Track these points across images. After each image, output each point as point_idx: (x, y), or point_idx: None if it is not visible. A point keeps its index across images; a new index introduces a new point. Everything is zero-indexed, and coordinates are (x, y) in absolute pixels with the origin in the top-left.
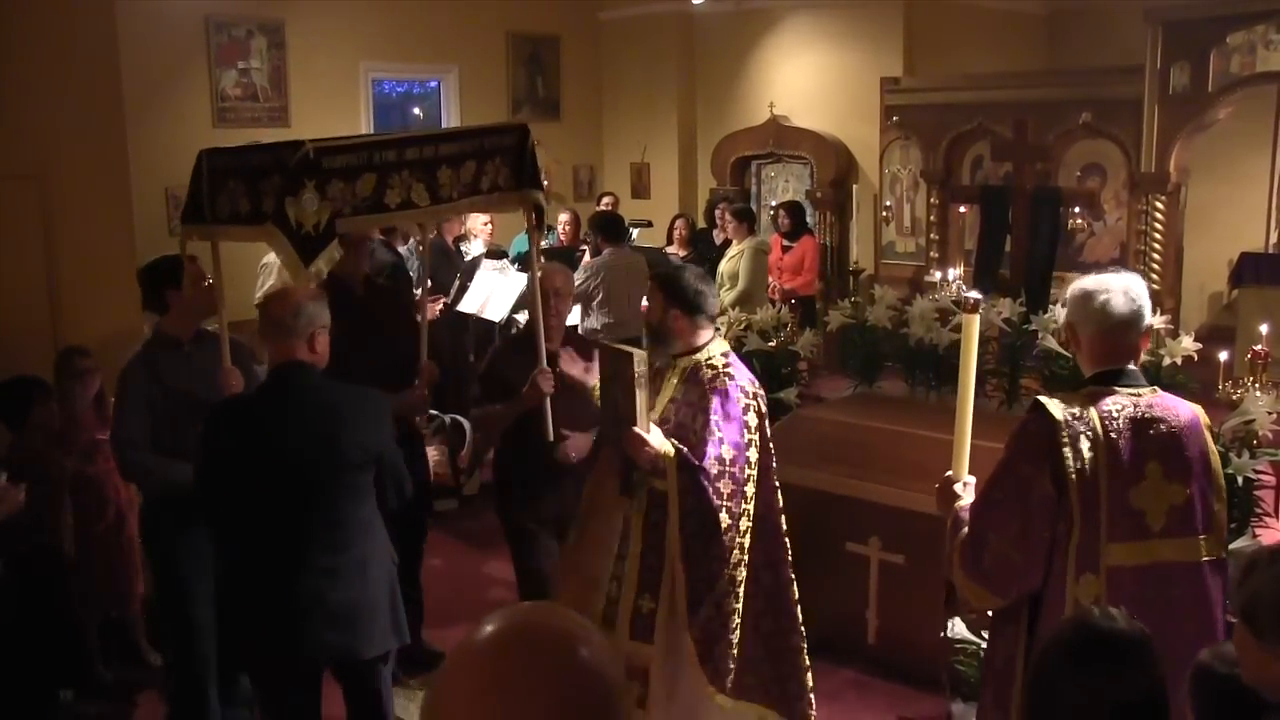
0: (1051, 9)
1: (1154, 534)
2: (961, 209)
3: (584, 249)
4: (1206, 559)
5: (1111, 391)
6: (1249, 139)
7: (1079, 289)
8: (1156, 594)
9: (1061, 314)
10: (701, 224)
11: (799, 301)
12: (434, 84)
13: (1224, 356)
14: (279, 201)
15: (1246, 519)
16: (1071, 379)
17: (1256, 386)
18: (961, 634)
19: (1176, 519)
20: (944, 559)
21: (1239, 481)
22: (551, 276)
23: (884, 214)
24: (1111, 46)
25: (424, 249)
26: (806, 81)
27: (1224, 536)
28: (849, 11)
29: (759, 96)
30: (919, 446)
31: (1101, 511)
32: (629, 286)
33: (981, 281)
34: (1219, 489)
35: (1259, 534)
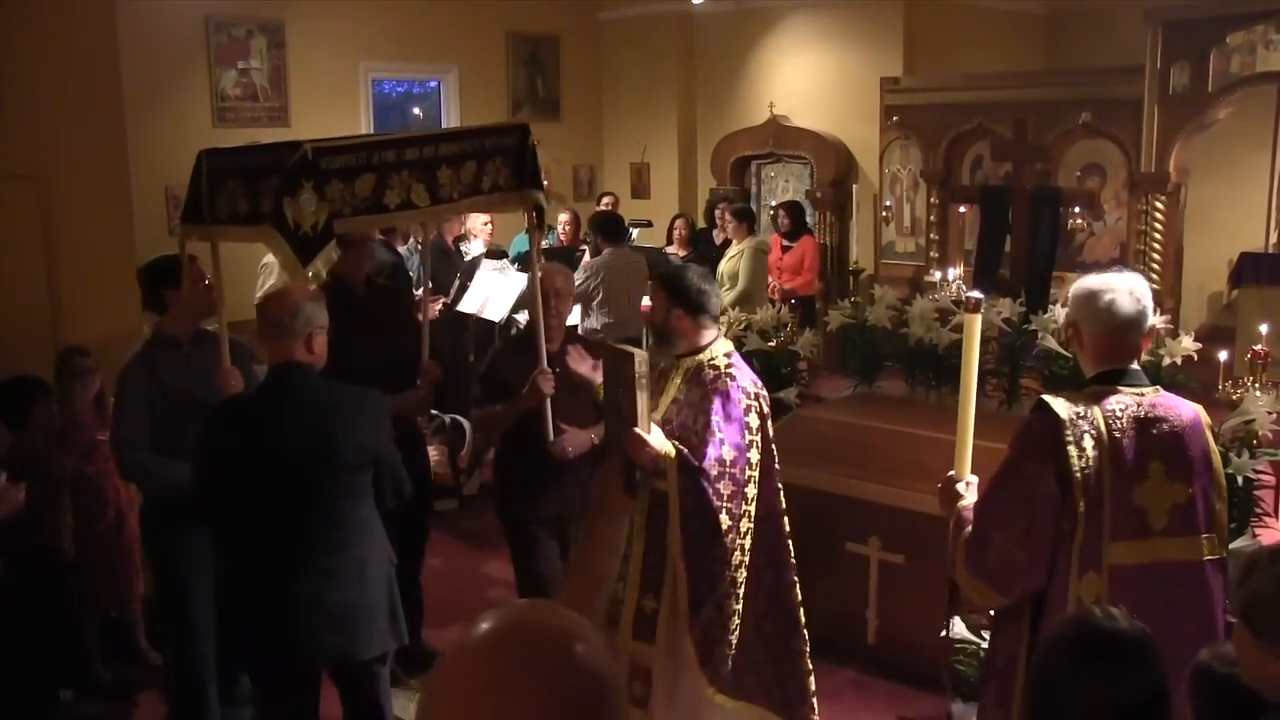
0: (1051, 9)
1: (1156, 533)
2: (961, 209)
3: (584, 249)
4: (1208, 558)
5: (1115, 391)
6: (1249, 139)
7: (1084, 288)
8: (1158, 593)
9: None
10: (701, 224)
11: (799, 301)
12: (434, 84)
13: (1224, 356)
14: (277, 202)
15: (1246, 519)
16: (1071, 379)
17: (1256, 386)
18: (961, 634)
19: (1179, 518)
20: (947, 558)
21: (1239, 481)
22: (552, 277)
23: (884, 214)
24: (1111, 46)
25: (424, 249)
26: (806, 81)
27: (1225, 535)
28: (849, 11)
29: (759, 96)
30: (919, 446)
31: (1105, 510)
32: (629, 286)
33: (981, 281)
34: (1220, 488)
35: (1258, 534)
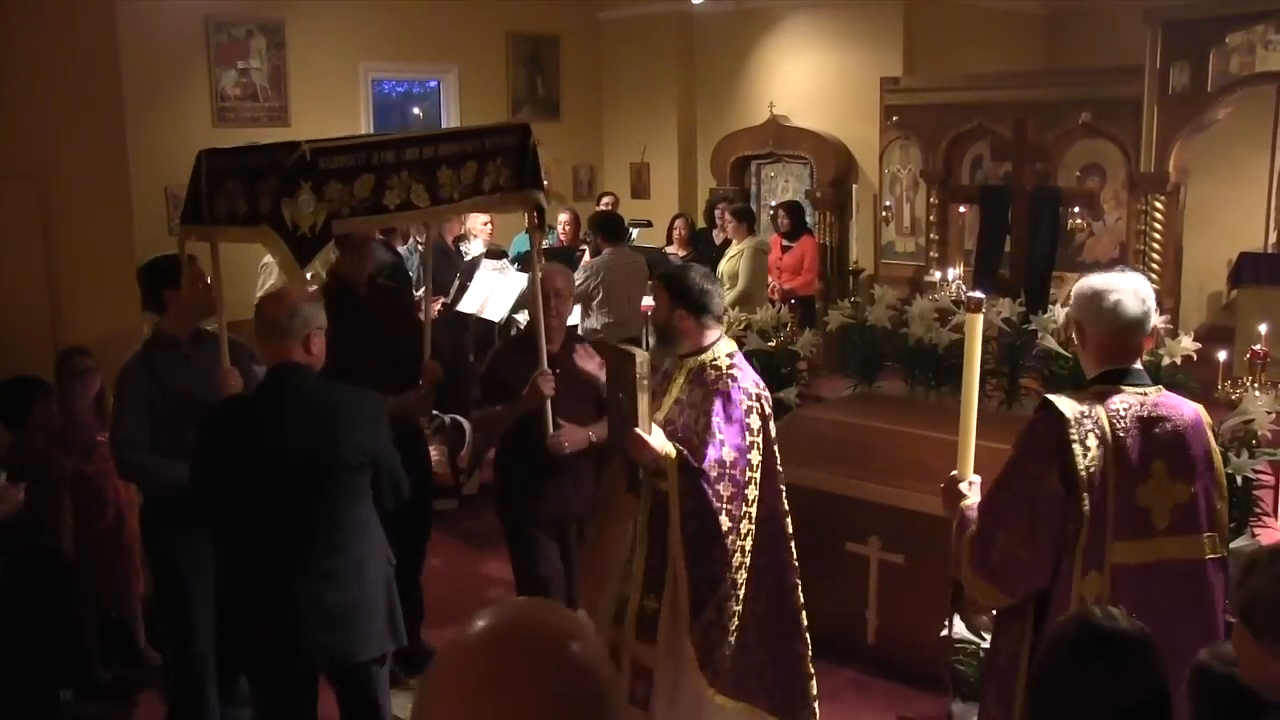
0: (1051, 9)
1: (1159, 532)
2: (961, 209)
3: (584, 249)
4: (1210, 557)
5: (1118, 390)
6: (1248, 139)
7: (1088, 288)
8: (1160, 592)
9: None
10: (701, 224)
11: (799, 301)
12: (434, 84)
13: (1223, 356)
14: (275, 203)
15: (1245, 519)
16: (1071, 379)
17: (1255, 386)
18: (961, 633)
19: (1181, 517)
20: (951, 558)
21: (1238, 481)
22: (552, 277)
23: (884, 214)
24: (1111, 46)
25: (426, 249)
26: (806, 81)
27: (1226, 534)
28: (849, 11)
29: (759, 96)
30: (919, 446)
31: (1108, 509)
32: (629, 286)
33: (981, 281)
34: (1221, 487)
35: (1258, 534)
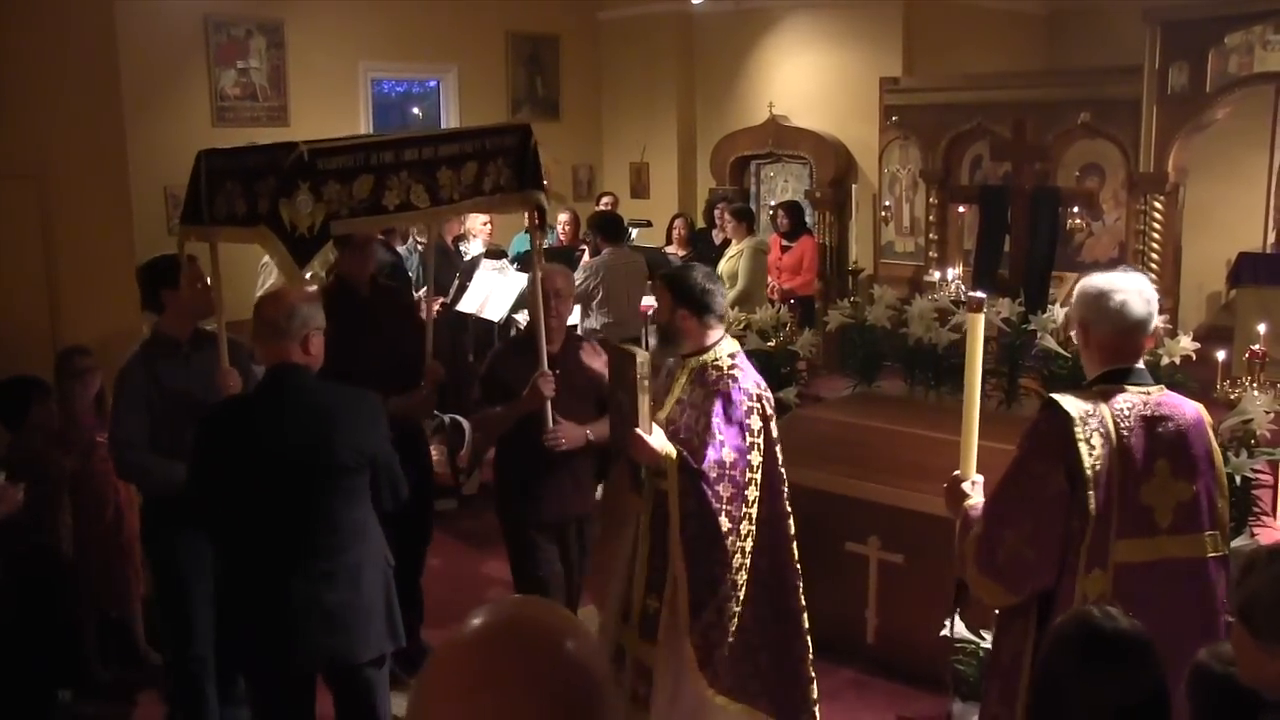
0: (1051, 9)
1: (1161, 530)
2: (960, 209)
3: (583, 249)
4: (1212, 555)
5: (1122, 389)
6: (1247, 139)
7: (1094, 288)
8: (1162, 590)
9: (1060, 313)
10: (701, 224)
11: (798, 301)
12: (433, 84)
13: (1222, 356)
14: (273, 203)
15: (1244, 518)
16: (1070, 378)
17: (1254, 386)
18: (961, 633)
19: (1183, 516)
20: (955, 557)
21: (1237, 481)
22: (552, 278)
23: (883, 214)
24: (1110, 46)
25: (427, 249)
26: (806, 81)
27: (1228, 533)
28: (848, 11)
29: (758, 96)
30: (918, 446)
31: (1113, 508)
32: (628, 286)
33: (980, 281)
34: (1222, 486)
35: (1256, 533)
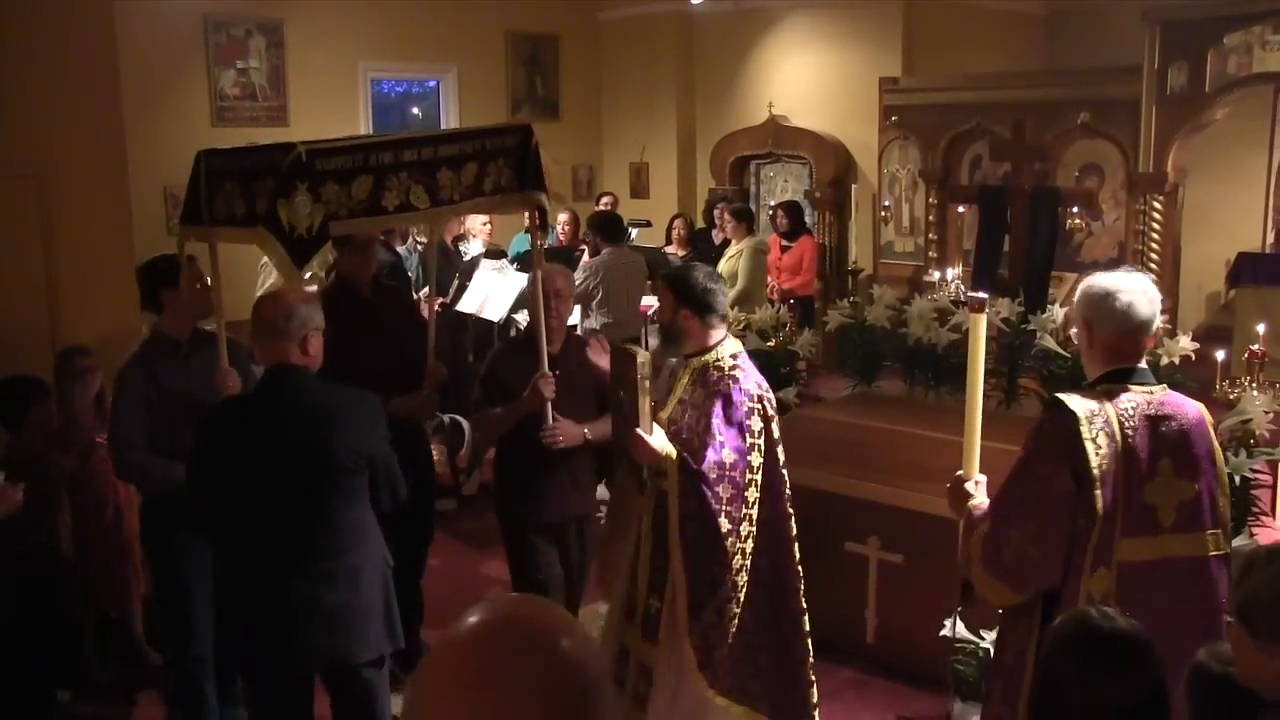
0: (1050, 9)
1: (1165, 529)
2: (960, 209)
3: (583, 249)
4: (1214, 553)
5: (1125, 389)
6: (1246, 139)
7: (1099, 288)
8: (1165, 588)
9: (1060, 313)
10: (700, 224)
11: (798, 301)
12: (433, 84)
13: (1221, 356)
14: (271, 204)
15: (1244, 518)
16: (1070, 378)
17: (1253, 386)
18: (961, 633)
19: (1186, 514)
20: (959, 558)
21: (1236, 481)
22: (552, 278)
23: (883, 214)
24: (1110, 47)
25: (429, 250)
26: (805, 81)
27: (1229, 531)
28: (848, 11)
29: (758, 96)
30: (917, 446)
31: (1118, 507)
32: (628, 286)
33: (980, 281)
34: (1224, 485)
35: (1255, 533)
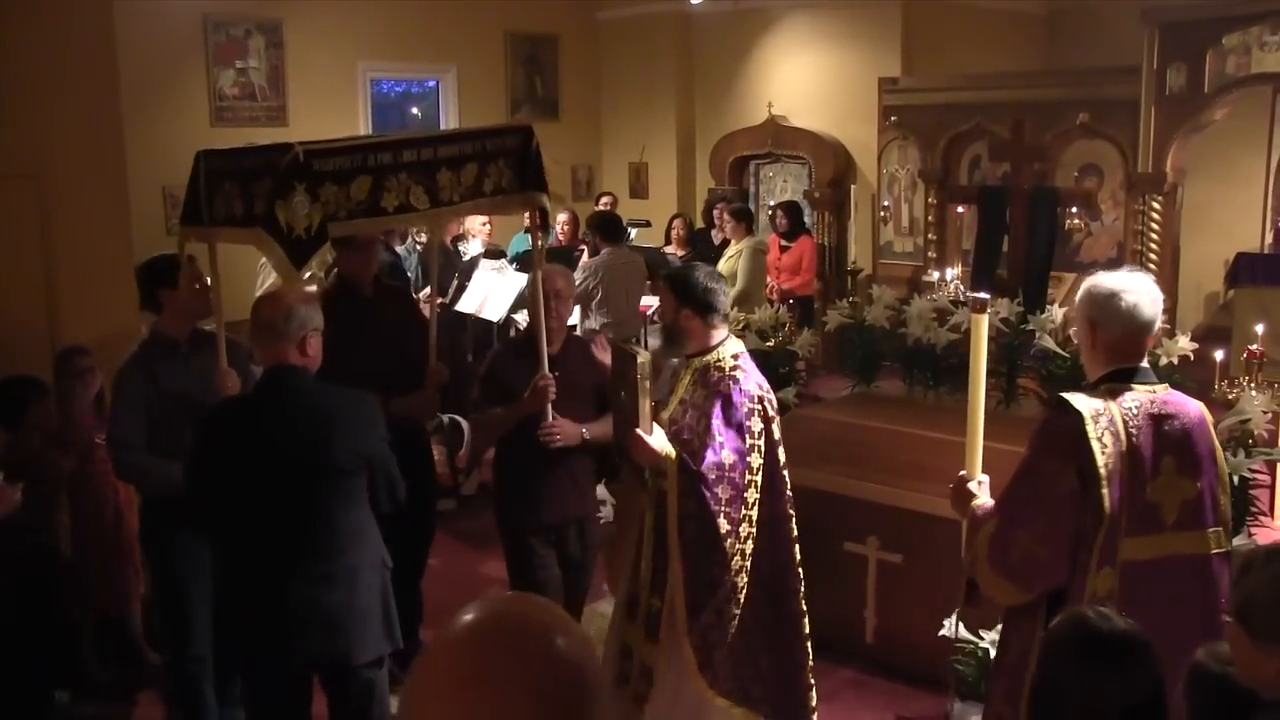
0: (1050, 9)
1: (1167, 527)
2: (959, 209)
3: (582, 249)
4: (1215, 551)
5: (1129, 388)
6: (1245, 139)
7: (1104, 289)
8: (1167, 586)
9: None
10: (700, 224)
11: (797, 301)
12: (432, 84)
13: (1220, 356)
14: (269, 204)
15: (1242, 518)
16: (1069, 378)
17: (1252, 386)
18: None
19: (1188, 513)
20: (964, 557)
21: (1234, 481)
22: (552, 278)
23: (882, 214)
24: (1109, 47)
25: (430, 250)
26: (805, 81)
27: (1230, 529)
28: (847, 11)
29: (757, 96)
30: (917, 446)
31: (1123, 505)
32: (627, 286)
33: (979, 281)
34: (1224, 483)
35: (1254, 533)
